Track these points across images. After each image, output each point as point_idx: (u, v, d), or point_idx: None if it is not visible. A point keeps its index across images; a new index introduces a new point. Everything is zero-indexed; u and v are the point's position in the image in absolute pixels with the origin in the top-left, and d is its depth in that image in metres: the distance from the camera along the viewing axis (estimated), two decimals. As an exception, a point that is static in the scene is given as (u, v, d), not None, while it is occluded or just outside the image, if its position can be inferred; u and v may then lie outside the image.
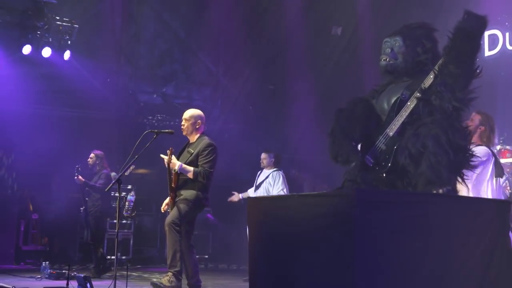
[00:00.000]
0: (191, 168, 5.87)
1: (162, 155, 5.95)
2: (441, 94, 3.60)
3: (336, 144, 3.88)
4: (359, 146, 3.99)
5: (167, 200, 6.08)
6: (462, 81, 3.60)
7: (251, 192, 8.38)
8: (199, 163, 5.93)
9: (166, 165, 5.90)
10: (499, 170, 5.16)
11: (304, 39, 12.30)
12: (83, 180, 8.15)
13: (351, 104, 4.00)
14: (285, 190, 8.15)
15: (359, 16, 11.70)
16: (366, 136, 3.88)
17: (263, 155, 8.41)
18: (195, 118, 6.17)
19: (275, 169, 8.33)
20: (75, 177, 8.12)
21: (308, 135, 12.15)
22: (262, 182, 8.24)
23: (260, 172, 8.44)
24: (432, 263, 3.24)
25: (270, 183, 8.18)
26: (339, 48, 12.05)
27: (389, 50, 3.97)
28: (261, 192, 8.15)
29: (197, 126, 6.16)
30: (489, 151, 5.11)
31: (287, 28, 12.46)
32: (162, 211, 6.24)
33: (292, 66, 12.74)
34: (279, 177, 8.20)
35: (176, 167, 5.85)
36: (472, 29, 3.61)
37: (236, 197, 8.30)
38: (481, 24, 3.65)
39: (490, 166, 5.01)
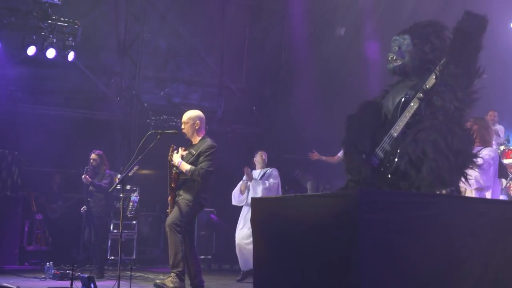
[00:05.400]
0: (187, 166, 5.90)
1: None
2: (442, 94, 3.58)
3: (347, 157, 3.90)
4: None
5: None
6: (463, 81, 3.58)
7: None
8: (198, 163, 5.94)
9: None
10: (502, 171, 5.18)
11: (307, 39, 12.29)
12: (90, 180, 8.19)
13: (360, 110, 3.99)
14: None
15: (363, 16, 11.69)
16: (374, 142, 3.85)
17: (264, 155, 8.43)
18: (193, 119, 6.17)
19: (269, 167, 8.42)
20: (83, 177, 8.18)
21: (311, 135, 12.14)
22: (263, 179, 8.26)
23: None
24: (432, 262, 3.24)
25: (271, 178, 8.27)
26: (343, 48, 12.03)
27: (397, 49, 3.93)
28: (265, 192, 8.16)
29: (196, 127, 6.15)
30: (495, 152, 5.14)
31: (291, 28, 12.46)
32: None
33: (295, 67, 12.73)
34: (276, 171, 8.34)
35: (176, 163, 5.91)
36: (471, 29, 3.59)
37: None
38: (481, 24, 3.62)
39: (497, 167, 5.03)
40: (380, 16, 11.23)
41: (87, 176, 8.18)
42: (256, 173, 8.36)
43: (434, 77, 3.70)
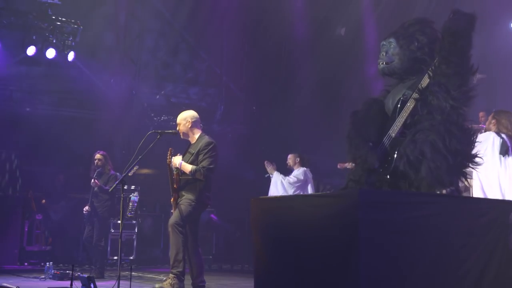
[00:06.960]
0: (189, 166, 5.91)
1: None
2: (437, 94, 3.58)
3: (353, 146, 3.88)
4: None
5: None
6: (456, 80, 3.57)
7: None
8: (198, 162, 5.95)
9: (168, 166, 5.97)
10: (503, 148, 5.37)
11: (307, 39, 12.29)
12: (99, 184, 8.19)
13: (365, 105, 4.01)
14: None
15: (363, 16, 11.69)
16: (381, 136, 3.86)
17: (288, 157, 8.59)
18: (184, 119, 6.19)
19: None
20: (92, 181, 8.16)
21: (311, 135, 12.13)
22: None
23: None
24: (432, 262, 3.24)
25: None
26: (343, 48, 12.04)
27: (384, 54, 3.96)
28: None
29: (189, 126, 6.15)
30: (493, 134, 5.46)
31: (291, 29, 12.46)
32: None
33: (295, 66, 12.73)
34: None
35: (177, 164, 5.93)
36: (459, 28, 3.58)
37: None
38: (469, 22, 3.61)
39: (485, 146, 5.30)
40: (380, 16, 11.22)
41: (96, 181, 8.18)
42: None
43: (427, 76, 3.70)
